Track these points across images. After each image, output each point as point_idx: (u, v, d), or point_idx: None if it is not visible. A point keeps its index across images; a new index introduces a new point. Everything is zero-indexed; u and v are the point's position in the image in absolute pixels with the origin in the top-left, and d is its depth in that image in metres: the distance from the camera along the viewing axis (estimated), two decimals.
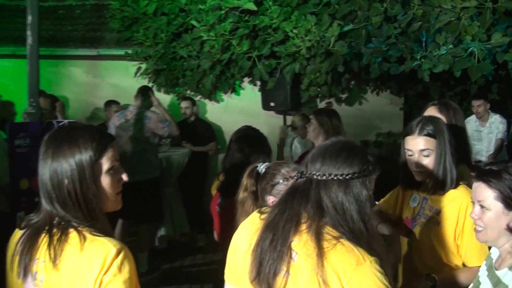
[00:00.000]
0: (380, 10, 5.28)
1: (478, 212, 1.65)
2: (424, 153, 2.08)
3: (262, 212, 1.58)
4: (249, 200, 1.99)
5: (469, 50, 4.85)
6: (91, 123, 5.70)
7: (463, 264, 2.08)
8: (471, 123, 5.67)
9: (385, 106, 6.70)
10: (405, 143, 2.14)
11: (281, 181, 1.88)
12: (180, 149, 6.02)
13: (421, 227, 2.17)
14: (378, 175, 1.46)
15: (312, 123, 3.50)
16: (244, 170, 2.04)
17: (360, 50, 5.43)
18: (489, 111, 5.72)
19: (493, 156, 5.53)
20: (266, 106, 6.43)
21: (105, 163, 1.44)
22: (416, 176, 2.14)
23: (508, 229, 1.59)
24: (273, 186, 1.91)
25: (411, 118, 2.29)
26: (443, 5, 4.86)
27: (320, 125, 3.43)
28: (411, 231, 2.23)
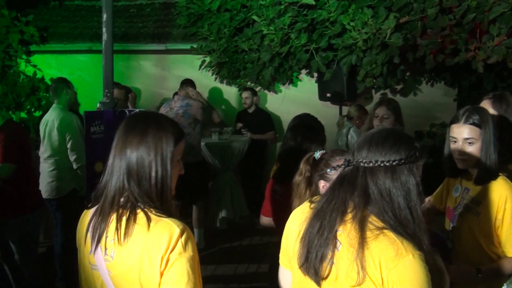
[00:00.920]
0: (435, 2, 5.27)
1: None
2: (468, 141, 2.08)
3: (312, 202, 1.60)
4: (302, 184, 2.05)
5: None
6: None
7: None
8: None
9: (439, 97, 6.61)
10: (451, 131, 2.15)
11: (329, 170, 1.92)
12: (240, 137, 6.29)
13: (461, 217, 2.19)
14: (431, 167, 1.48)
15: (376, 113, 3.33)
16: (296, 158, 2.12)
17: (416, 41, 5.45)
18: None
19: None
20: (322, 96, 6.48)
21: (177, 154, 1.56)
22: (459, 163, 2.14)
23: None
24: (324, 173, 1.96)
25: None
26: None
27: (393, 113, 3.30)
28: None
